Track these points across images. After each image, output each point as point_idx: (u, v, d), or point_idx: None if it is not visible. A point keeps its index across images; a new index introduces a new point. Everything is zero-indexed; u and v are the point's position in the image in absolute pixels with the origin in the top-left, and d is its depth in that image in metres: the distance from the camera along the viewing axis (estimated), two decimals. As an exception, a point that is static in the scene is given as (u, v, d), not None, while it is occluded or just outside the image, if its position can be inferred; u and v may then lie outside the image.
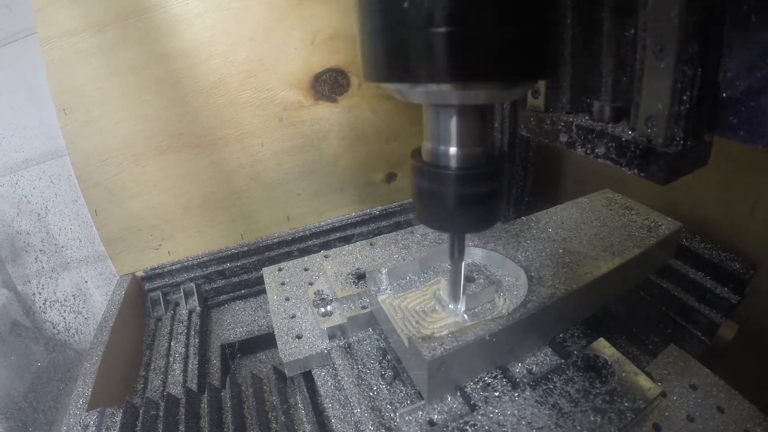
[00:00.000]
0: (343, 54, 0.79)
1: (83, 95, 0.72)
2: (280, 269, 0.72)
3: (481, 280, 0.51)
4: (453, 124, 0.31)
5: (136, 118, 0.75)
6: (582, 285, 0.50)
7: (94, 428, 0.52)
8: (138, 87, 0.73)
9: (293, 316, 0.61)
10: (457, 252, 0.42)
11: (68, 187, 1.09)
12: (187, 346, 0.72)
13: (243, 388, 0.59)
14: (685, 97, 0.26)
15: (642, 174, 0.29)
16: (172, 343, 0.73)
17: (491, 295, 0.52)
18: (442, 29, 0.24)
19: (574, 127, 0.33)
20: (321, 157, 0.86)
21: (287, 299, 0.64)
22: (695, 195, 0.67)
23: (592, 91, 0.33)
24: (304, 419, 0.52)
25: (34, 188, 1.09)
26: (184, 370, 0.67)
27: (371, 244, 0.71)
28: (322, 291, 0.60)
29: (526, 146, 0.82)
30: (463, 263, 0.43)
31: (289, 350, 0.55)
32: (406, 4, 0.25)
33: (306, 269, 0.71)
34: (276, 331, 0.59)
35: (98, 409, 0.54)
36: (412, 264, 0.57)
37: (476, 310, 0.50)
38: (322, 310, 0.57)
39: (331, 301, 0.58)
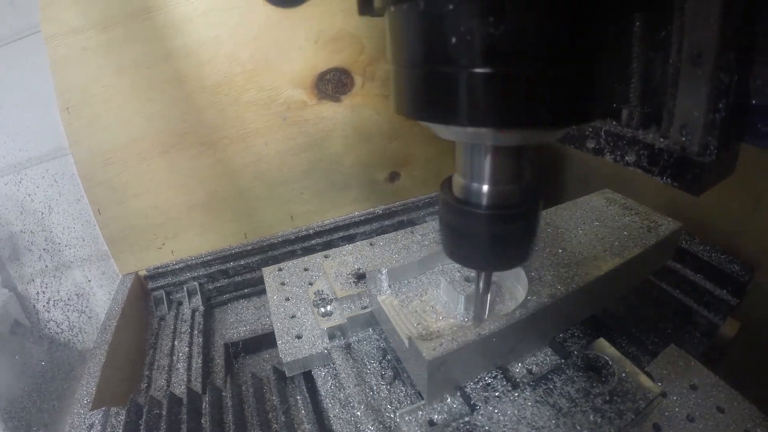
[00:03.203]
0: (347, 54, 0.80)
1: (88, 93, 0.72)
2: (280, 269, 0.72)
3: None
4: (487, 162, 0.29)
5: (141, 116, 0.75)
6: (582, 285, 0.50)
7: (99, 427, 0.52)
8: (143, 85, 0.73)
9: (293, 316, 0.61)
10: (482, 287, 0.41)
11: (71, 186, 1.08)
12: (190, 345, 0.72)
13: (243, 388, 0.59)
14: (720, 105, 0.25)
15: (675, 184, 0.28)
16: (175, 342, 0.73)
17: (491, 295, 0.52)
18: (480, 70, 0.22)
19: (602, 133, 0.33)
20: (325, 156, 0.86)
21: (287, 299, 0.64)
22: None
23: (620, 97, 0.32)
24: (304, 419, 0.52)
25: (37, 187, 1.09)
26: (188, 369, 0.67)
27: (371, 244, 0.71)
28: (322, 291, 0.60)
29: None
30: (489, 295, 0.43)
31: (289, 350, 0.55)
32: (439, 41, 0.22)
33: (306, 269, 0.71)
34: (276, 331, 0.59)
35: (102, 409, 0.54)
36: (412, 264, 0.57)
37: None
38: (322, 310, 0.57)
39: (331, 301, 0.58)
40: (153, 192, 0.80)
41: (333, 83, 0.81)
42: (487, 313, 0.46)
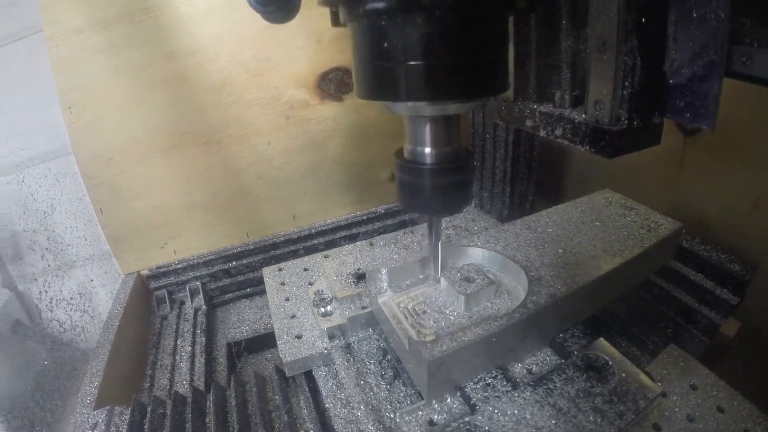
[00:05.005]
0: (349, 53, 0.79)
1: (89, 93, 0.72)
2: (280, 269, 0.72)
3: (481, 280, 0.51)
4: (427, 130, 0.40)
5: (142, 116, 0.75)
6: (582, 285, 0.50)
7: (103, 427, 0.52)
8: (145, 85, 0.73)
9: (293, 316, 0.61)
10: (434, 233, 0.49)
11: (74, 186, 1.09)
12: (193, 344, 0.72)
13: (247, 387, 0.59)
14: (627, 83, 0.31)
15: (592, 150, 0.34)
16: (178, 342, 0.73)
17: (491, 295, 0.52)
18: (415, 63, 0.33)
19: (537, 113, 0.39)
20: (327, 155, 0.86)
21: (287, 299, 0.64)
22: (696, 194, 0.67)
23: (554, 83, 0.39)
24: (306, 419, 0.52)
25: (40, 186, 1.09)
26: (191, 369, 0.67)
27: (371, 244, 0.71)
28: (322, 291, 0.60)
29: (530, 145, 0.83)
30: (439, 243, 0.51)
31: (289, 350, 0.55)
32: (387, 44, 0.33)
33: (306, 269, 0.71)
34: (276, 331, 0.59)
35: (107, 408, 0.54)
36: (412, 264, 0.57)
37: (476, 310, 0.51)
38: (322, 310, 0.57)
39: (331, 301, 0.58)
40: (155, 191, 0.80)
41: (335, 83, 0.81)
42: (440, 268, 0.53)
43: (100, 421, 0.53)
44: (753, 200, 0.59)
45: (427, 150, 0.40)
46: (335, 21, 0.42)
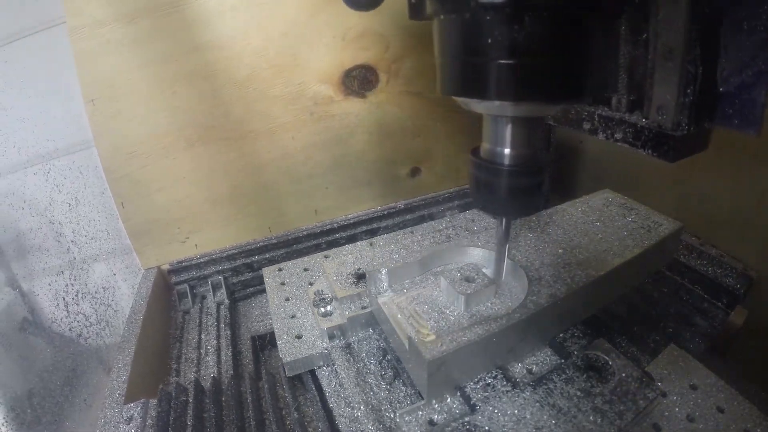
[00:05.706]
0: (373, 51, 0.80)
1: (112, 86, 0.71)
2: (280, 269, 0.72)
3: (481, 280, 0.51)
4: (508, 130, 0.38)
5: (166, 110, 0.75)
6: (582, 285, 0.50)
7: (139, 420, 0.52)
8: (169, 79, 0.73)
9: (293, 316, 0.61)
10: (504, 234, 0.48)
11: (96, 179, 1.08)
12: (218, 337, 0.72)
13: (260, 384, 0.59)
14: (689, 91, 0.32)
15: (655, 154, 0.35)
16: (202, 336, 0.73)
17: (491, 295, 0.52)
18: (509, 61, 0.32)
19: (596, 117, 0.40)
20: (349, 151, 0.87)
21: (287, 299, 0.64)
22: (705, 189, 0.68)
23: (610, 86, 0.39)
24: (314, 417, 0.52)
25: (65, 178, 1.08)
26: (218, 362, 0.67)
27: (371, 244, 0.71)
28: (322, 291, 0.60)
29: (545, 143, 0.84)
30: (507, 246, 0.50)
31: (289, 350, 0.55)
32: (477, 41, 0.32)
33: (306, 269, 0.71)
34: (276, 331, 0.59)
35: (141, 401, 0.54)
36: (412, 264, 0.57)
37: (476, 310, 0.51)
38: (322, 310, 0.57)
39: (331, 301, 0.58)
40: (177, 185, 0.79)
41: (359, 79, 0.81)
42: (504, 270, 0.51)
43: (135, 414, 0.53)
44: (759, 193, 0.61)
45: (507, 151, 0.39)
46: (414, 14, 0.42)
